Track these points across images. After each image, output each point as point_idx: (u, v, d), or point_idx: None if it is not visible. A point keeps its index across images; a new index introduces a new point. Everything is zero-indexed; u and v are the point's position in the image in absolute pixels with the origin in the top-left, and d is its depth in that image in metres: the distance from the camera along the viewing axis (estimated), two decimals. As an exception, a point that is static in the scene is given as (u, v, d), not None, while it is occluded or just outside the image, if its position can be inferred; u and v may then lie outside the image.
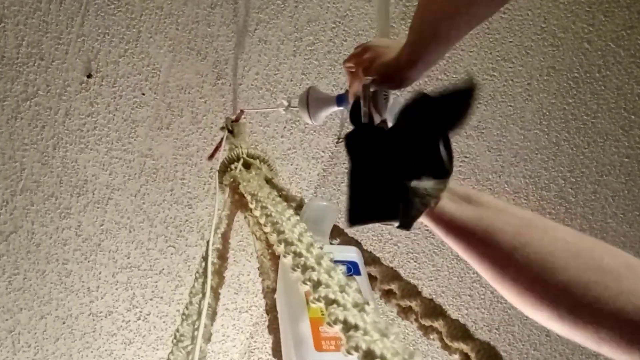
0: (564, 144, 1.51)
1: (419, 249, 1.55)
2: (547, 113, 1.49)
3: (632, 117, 1.50)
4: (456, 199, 0.62)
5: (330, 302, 0.42)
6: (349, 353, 0.37)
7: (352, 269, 0.62)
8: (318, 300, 0.43)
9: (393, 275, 0.68)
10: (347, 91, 0.79)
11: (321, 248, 0.52)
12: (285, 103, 1.08)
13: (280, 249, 0.55)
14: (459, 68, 1.46)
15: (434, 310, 0.63)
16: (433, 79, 1.44)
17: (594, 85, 1.48)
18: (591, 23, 1.43)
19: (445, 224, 0.61)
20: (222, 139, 1.08)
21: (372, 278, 0.69)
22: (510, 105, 1.48)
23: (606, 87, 1.48)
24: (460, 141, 1.49)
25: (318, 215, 0.71)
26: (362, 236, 1.49)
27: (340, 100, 0.92)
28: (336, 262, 0.49)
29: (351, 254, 0.64)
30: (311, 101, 0.94)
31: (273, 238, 0.59)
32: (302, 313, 0.53)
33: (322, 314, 0.43)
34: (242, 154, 0.93)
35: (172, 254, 1.46)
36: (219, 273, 0.70)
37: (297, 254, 0.51)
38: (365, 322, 0.39)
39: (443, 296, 1.57)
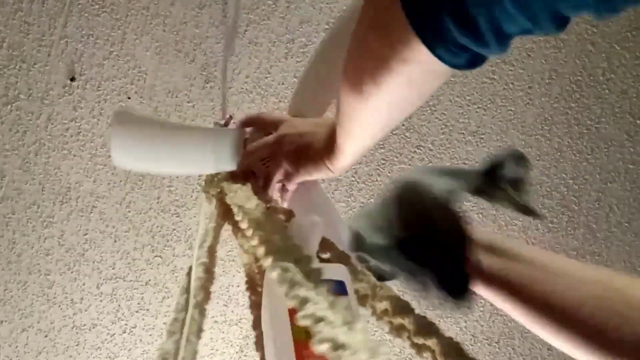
0: (567, 150, 1.49)
1: (415, 259, 1.53)
2: (549, 118, 1.47)
3: (638, 121, 1.48)
4: (480, 251, 0.62)
5: (318, 319, 0.41)
6: None
7: (340, 288, 0.59)
8: (304, 318, 0.42)
9: (384, 291, 0.66)
10: None
11: (309, 263, 0.50)
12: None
13: (266, 262, 0.53)
14: (457, 70, 1.42)
15: (427, 327, 0.61)
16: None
17: (597, 88, 1.46)
18: (595, 24, 1.42)
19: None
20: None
21: (363, 296, 0.67)
22: (511, 110, 1.46)
23: (610, 90, 1.46)
24: (459, 147, 1.47)
25: (306, 229, 0.68)
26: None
27: None
28: (322, 280, 0.48)
29: (338, 272, 0.62)
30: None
31: (260, 251, 0.56)
32: (286, 331, 0.52)
33: (307, 334, 0.43)
34: (230, 161, 0.91)
35: (158, 265, 1.43)
36: (205, 288, 0.68)
37: (284, 269, 0.48)
38: (354, 340, 0.38)
39: (441, 308, 1.55)
